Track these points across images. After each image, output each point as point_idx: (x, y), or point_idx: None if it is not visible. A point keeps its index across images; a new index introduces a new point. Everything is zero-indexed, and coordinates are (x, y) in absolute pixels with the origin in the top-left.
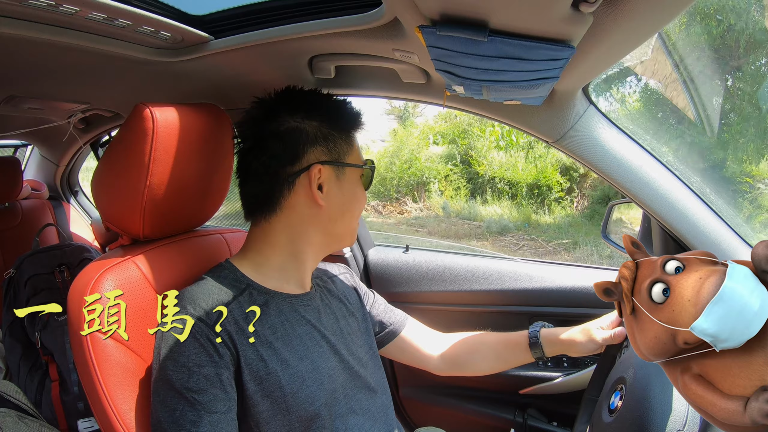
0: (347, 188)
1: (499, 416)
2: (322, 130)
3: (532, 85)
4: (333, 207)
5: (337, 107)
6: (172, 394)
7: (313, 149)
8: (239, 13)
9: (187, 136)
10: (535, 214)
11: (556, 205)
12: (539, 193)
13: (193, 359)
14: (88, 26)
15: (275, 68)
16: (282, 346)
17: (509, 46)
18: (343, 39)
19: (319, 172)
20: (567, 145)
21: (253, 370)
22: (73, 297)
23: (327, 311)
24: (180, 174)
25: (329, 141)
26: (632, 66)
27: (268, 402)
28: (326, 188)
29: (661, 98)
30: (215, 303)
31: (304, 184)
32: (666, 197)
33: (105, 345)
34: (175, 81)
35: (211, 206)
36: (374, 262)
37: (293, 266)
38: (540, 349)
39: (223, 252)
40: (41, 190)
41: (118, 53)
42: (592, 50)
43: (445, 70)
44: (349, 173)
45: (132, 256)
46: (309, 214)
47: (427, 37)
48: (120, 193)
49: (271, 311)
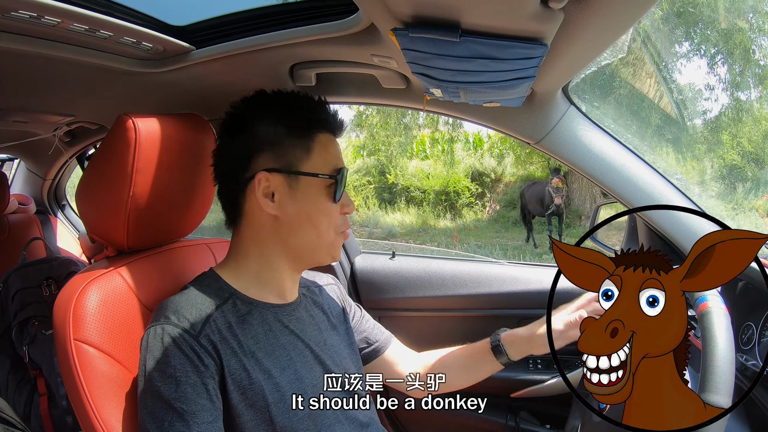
0: (304, 199)
1: (491, 420)
2: (275, 133)
3: (508, 86)
4: (290, 218)
5: (292, 105)
6: (160, 405)
7: (260, 155)
8: (220, 23)
9: (170, 146)
10: (436, 219)
11: (468, 210)
12: (447, 199)
13: (180, 369)
14: (70, 38)
15: (257, 77)
16: (264, 357)
17: (482, 45)
18: (322, 46)
19: (267, 180)
20: (549, 146)
21: (237, 380)
22: (58, 309)
23: (311, 322)
24: (163, 184)
25: (277, 146)
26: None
27: (252, 412)
28: (278, 197)
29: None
30: (199, 313)
31: (253, 192)
32: (649, 195)
33: (91, 356)
34: (159, 92)
35: (196, 216)
36: (361, 269)
37: (268, 275)
38: (504, 353)
39: (209, 262)
40: (28, 204)
41: (100, 64)
42: (567, 48)
43: (421, 73)
44: (305, 182)
45: (116, 267)
46: (268, 224)
47: (401, 40)
48: (104, 204)
49: (254, 321)
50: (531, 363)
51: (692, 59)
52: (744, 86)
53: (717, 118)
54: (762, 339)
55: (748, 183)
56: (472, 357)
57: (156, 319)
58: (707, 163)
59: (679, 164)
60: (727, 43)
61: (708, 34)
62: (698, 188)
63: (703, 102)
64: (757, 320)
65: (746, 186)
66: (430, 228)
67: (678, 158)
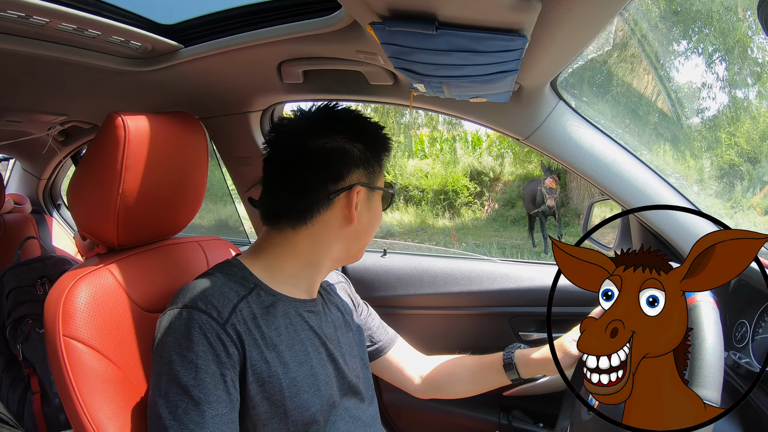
0: (374, 209)
1: (483, 419)
2: (365, 153)
3: (492, 80)
4: (360, 225)
5: (376, 133)
6: (175, 390)
7: (356, 170)
8: (208, 21)
9: (160, 144)
10: (435, 218)
11: (467, 209)
12: (445, 198)
13: (202, 356)
14: (59, 37)
15: (245, 74)
16: (285, 350)
17: (460, 38)
18: (308, 43)
19: (357, 194)
20: (538, 142)
21: (257, 371)
22: (48, 306)
23: (327, 320)
24: (153, 181)
25: (369, 164)
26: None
27: (267, 404)
28: (359, 208)
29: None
30: (227, 301)
31: (342, 202)
32: (641, 191)
33: (80, 353)
34: (150, 90)
35: (186, 214)
36: (352, 267)
37: (307, 274)
38: (515, 371)
39: (200, 259)
40: (24, 203)
41: (90, 63)
42: (549, 41)
43: (403, 68)
44: (376, 195)
45: (106, 264)
46: (337, 230)
47: (380, 34)
48: (94, 202)
49: (277, 313)
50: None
51: (690, 57)
52: (742, 84)
53: (715, 117)
54: (756, 336)
55: (746, 181)
56: (481, 369)
57: (181, 301)
58: (706, 161)
59: (678, 162)
60: (725, 41)
61: (706, 32)
62: (697, 186)
63: (701, 100)
64: (751, 318)
65: (744, 184)
66: (429, 227)
67: (676, 156)
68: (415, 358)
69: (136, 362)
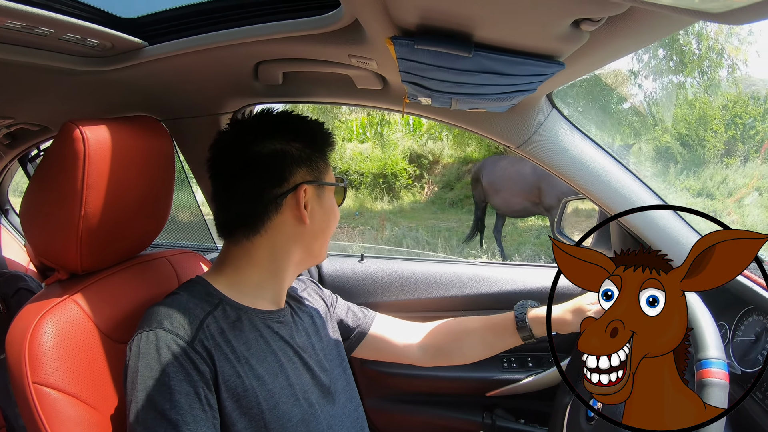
0: (327, 205)
1: (467, 420)
2: (305, 151)
3: (505, 98)
4: (315, 224)
5: (314, 129)
6: (153, 415)
7: (298, 170)
8: (177, 16)
9: (123, 155)
10: (374, 202)
11: (407, 192)
12: (384, 181)
13: (174, 377)
14: (5, 36)
15: (217, 75)
16: (257, 363)
17: (493, 61)
18: (293, 44)
19: (305, 192)
20: (530, 150)
21: (230, 387)
22: (11, 346)
23: (299, 329)
24: (117, 198)
25: (312, 161)
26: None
27: (246, 420)
28: (310, 207)
29: None
30: (192, 318)
31: (291, 204)
32: (628, 199)
33: (54, 400)
34: (107, 91)
35: (155, 228)
36: (329, 273)
37: (271, 284)
38: (528, 330)
39: (170, 275)
40: None
41: (41, 64)
42: (573, 65)
43: (412, 82)
44: (327, 191)
45: (71, 294)
46: (293, 233)
47: (400, 50)
48: (52, 225)
49: (245, 327)
50: (505, 362)
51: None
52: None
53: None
54: (735, 339)
55: (679, 164)
56: (492, 331)
57: (147, 324)
58: (643, 145)
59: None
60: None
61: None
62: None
63: (632, 86)
64: (730, 321)
65: (677, 167)
66: (367, 211)
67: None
68: (403, 328)
69: (113, 400)
